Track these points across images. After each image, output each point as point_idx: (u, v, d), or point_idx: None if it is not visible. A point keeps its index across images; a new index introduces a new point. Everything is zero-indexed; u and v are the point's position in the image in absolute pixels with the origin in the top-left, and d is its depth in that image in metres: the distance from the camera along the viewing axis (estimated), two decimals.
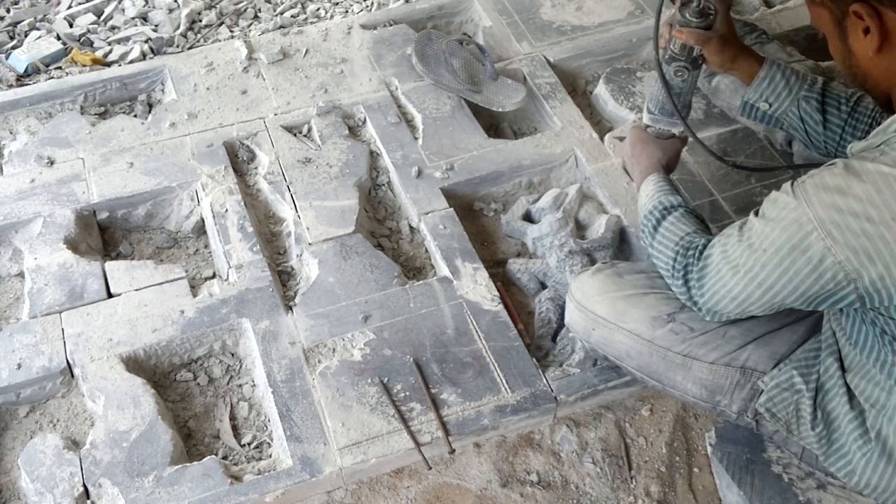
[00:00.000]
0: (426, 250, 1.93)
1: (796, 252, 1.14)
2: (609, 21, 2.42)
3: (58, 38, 2.48)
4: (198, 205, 1.99)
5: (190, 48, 2.44)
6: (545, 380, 1.63)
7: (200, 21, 2.58)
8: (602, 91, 2.25)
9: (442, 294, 1.76)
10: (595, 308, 1.49)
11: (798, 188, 1.14)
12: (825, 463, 1.34)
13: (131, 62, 2.39)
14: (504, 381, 1.62)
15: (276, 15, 2.60)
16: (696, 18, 1.50)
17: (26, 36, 2.51)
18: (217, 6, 2.62)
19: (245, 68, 2.27)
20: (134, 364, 1.67)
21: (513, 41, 2.36)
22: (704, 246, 1.32)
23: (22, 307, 1.79)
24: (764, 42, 2.09)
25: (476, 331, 1.70)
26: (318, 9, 2.63)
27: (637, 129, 1.67)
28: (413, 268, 1.90)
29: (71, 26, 2.56)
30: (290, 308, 1.75)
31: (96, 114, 2.22)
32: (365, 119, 2.16)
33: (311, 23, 2.56)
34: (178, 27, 2.53)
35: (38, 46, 2.42)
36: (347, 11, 2.61)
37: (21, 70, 2.35)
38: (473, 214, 2.03)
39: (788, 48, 2.19)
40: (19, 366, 1.64)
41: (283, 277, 1.85)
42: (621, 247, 1.92)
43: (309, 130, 2.15)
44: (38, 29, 2.55)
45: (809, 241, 1.12)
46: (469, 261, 1.82)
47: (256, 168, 2.06)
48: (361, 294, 1.76)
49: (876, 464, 1.26)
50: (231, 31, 2.54)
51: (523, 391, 1.61)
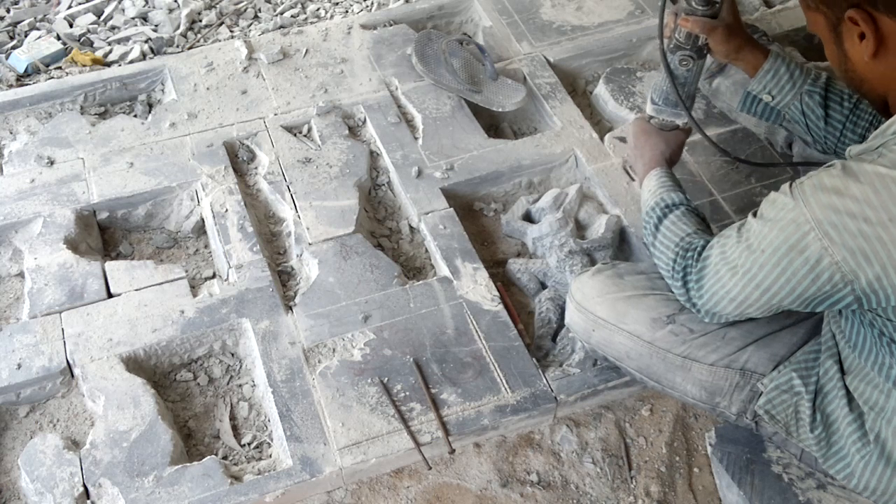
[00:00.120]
0: (426, 250, 1.93)
1: (794, 252, 1.14)
2: (609, 21, 2.42)
3: (58, 38, 2.48)
4: (198, 205, 1.99)
5: (190, 48, 2.44)
6: (545, 380, 1.63)
7: (200, 21, 2.58)
8: (602, 91, 2.25)
9: (442, 294, 1.76)
10: (595, 309, 1.49)
11: (796, 189, 1.14)
12: (824, 465, 1.34)
13: (131, 62, 2.39)
14: (504, 381, 1.62)
15: (276, 15, 2.59)
16: (702, 7, 1.48)
17: (26, 36, 2.51)
18: (217, 6, 2.62)
19: (245, 68, 2.27)
20: (134, 364, 1.67)
21: (513, 41, 2.36)
22: (703, 247, 1.31)
23: (22, 307, 1.79)
24: (765, 43, 2.09)
25: (476, 331, 1.70)
26: (318, 9, 2.63)
27: (640, 121, 1.67)
28: (413, 268, 1.90)
29: (71, 26, 2.56)
30: (290, 308, 1.75)
31: (96, 114, 2.22)
32: (365, 119, 2.16)
33: (311, 23, 2.55)
34: (178, 27, 2.53)
35: (38, 46, 2.41)
36: (347, 11, 2.61)
37: (21, 70, 2.35)
38: (473, 214, 2.03)
39: (788, 48, 2.19)
40: (19, 366, 1.64)
41: (283, 277, 1.85)
42: (621, 247, 1.92)
43: (309, 130, 2.15)
44: (38, 29, 2.55)
45: (807, 242, 1.12)
46: (469, 261, 1.82)
47: (256, 168, 2.06)
48: (361, 294, 1.76)
49: (875, 466, 1.26)
50: (231, 31, 2.54)
51: (523, 391, 1.61)
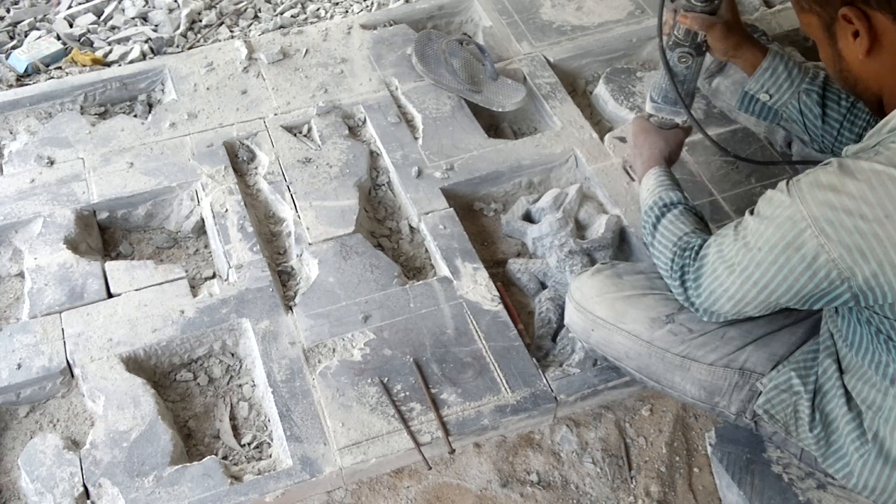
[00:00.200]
0: (426, 250, 1.93)
1: (790, 250, 1.14)
2: (609, 21, 2.42)
3: (58, 38, 2.48)
4: (198, 205, 1.99)
5: (190, 48, 2.44)
6: (545, 380, 1.63)
7: (200, 21, 2.58)
8: (602, 91, 2.25)
9: (442, 294, 1.76)
10: (594, 309, 1.49)
11: (793, 186, 1.14)
12: (823, 464, 1.34)
13: (131, 62, 2.39)
14: (504, 381, 1.62)
15: (276, 15, 2.59)
16: (701, 3, 1.49)
17: (26, 36, 2.51)
18: (217, 6, 2.62)
19: (245, 68, 2.27)
20: (134, 364, 1.67)
21: (513, 41, 2.36)
22: (701, 246, 1.32)
23: (22, 307, 1.79)
24: (763, 42, 2.09)
25: (476, 331, 1.70)
26: (318, 9, 2.63)
27: (640, 119, 1.67)
28: (413, 268, 1.90)
29: (71, 26, 2.56)
30: (290, 308, 1.75)
31: (96, 114, 2.22)
32: (365, 119, 2.16)
33: (311, 23, 2.56)
34: (178, 27, 2.53)
35: (38, 46, 2.42)
36: (347, 11, 2.61)
37: (21, 70, 2.35)
38: (473, 214, 2.03)
39: (788, 48, 2.19)
40: (19, 366, 1.64)
41: (283, 277, 1.85)
42: (621, 247, 1.92)
43: (309, 130, 2.15)
44: (38, 29, 2.55)
45: (803, 239, 1.12)
46: (469, 261, 1.82)
47: (256, 168, 2.06)
48: (361, 294, 1.76)
49: (873, 465, 1.26)
50: (231, 31, 2.54)
51: (523, 391, 1.61)
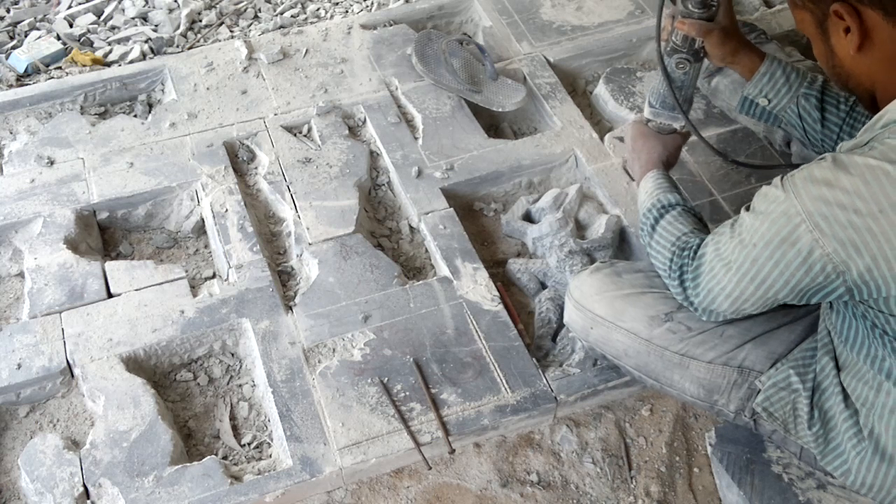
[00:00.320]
0: (426, 250, 1.93)
1: (786, 245, 1.14)
2: (609, 21, 2.42)
3: (58, 38, 2.48)
4: (198, 205, 1.99)
5: (190, 48, 2.44)
6: (545, 380, 1.63)
7: (200, 21, 2.58)
8: (602, 91, 2.25)
9: (442, 294, 1.76)
10: (593, 307, 1.49)
11: (787, 181, 1.15)
12: (822, 462, 1.34)
13: (131, 62, 2.39)
14: (504, 381, 1.62)
15: (276, 15, 2.60)
16: (699, 9, 1.49)
17: (26, 36, 2.51)
18: (217, 6, 2.62)
19: (245, 68, 2.27)
20: (134, 364, 1.67)
21: (513, 41, 2.36)
22: (699, 245, 1.32)
23: (22, 307, 1.79)
24: (763, 42, 2.09)
25: (476, 331, 1.70)
26: (318, 9, 2.63)
27: (638, 124, 1.67)
28: (413, 268, 1.90)
29: (71, 26, 2.56)
30: (290, 308, 1.75)
31: (96, 114, 2.22)
32: (365, 119, 2.16)
33: (311, 23, 2.56)
34: (178, 27, 2.53)
35: (38, 46, 2.42)
36: (347, 11, 2.61)
37: (21, 70, 2.36)
38: (473, 214, 2.03)
39: (788, 48, 2.19)
40: (19, 366, 1.64)
41: (283, 277, 1.85)
42: (621, 247, 1.92)
43: (309, 130, 2.15)
44: (38, 29, 2.55)
45: (798, 234, 1.12)
46: (469, 261, 1.82)
47: (256, 168, 2.06)
48: (361, 294, 1.76)
49: (870, 462, 1.26)
50: (231, 31, 2.54)
51: (523, 391, 1.61)
